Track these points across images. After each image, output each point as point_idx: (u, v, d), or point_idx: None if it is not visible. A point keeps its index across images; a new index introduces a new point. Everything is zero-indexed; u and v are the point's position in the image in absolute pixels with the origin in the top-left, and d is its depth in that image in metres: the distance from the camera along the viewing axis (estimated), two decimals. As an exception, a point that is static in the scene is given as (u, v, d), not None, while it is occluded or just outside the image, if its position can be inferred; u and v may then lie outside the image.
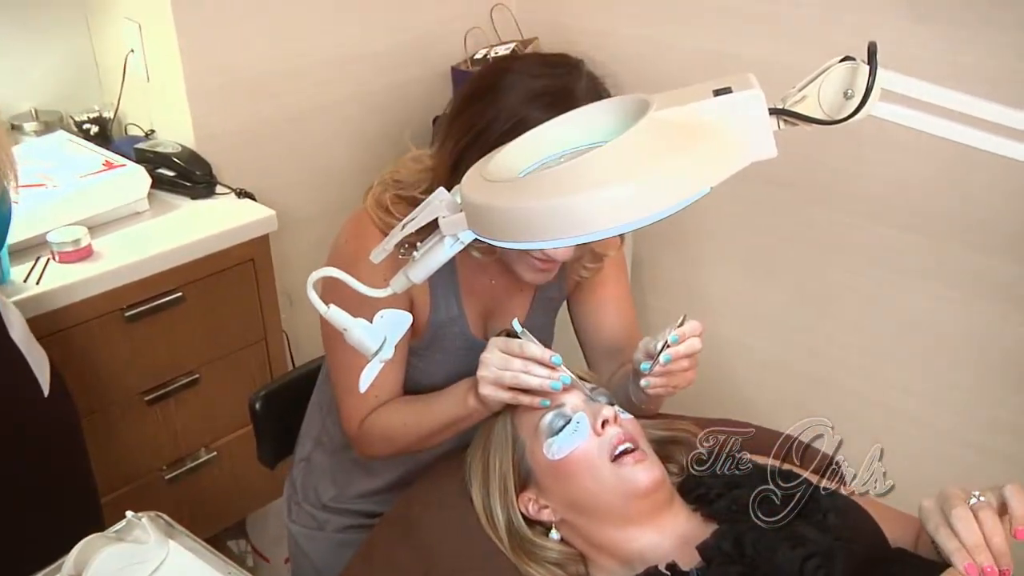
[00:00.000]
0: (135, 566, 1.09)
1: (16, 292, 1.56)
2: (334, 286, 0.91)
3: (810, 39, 1.89)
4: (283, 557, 2.16)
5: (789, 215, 2.09)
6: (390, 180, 1.25)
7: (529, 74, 1.15)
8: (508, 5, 2.39)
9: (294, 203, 2.14)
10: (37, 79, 2.06)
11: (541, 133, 0.87)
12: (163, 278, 1.75)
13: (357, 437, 1.29)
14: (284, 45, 2.09)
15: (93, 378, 1.69)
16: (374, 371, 0.93)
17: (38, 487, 1.24)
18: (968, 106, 0.82)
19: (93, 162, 1.84)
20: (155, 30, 1.96)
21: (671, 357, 1.10)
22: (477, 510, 1.16)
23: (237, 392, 1.87)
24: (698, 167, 0.73)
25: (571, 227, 0.72)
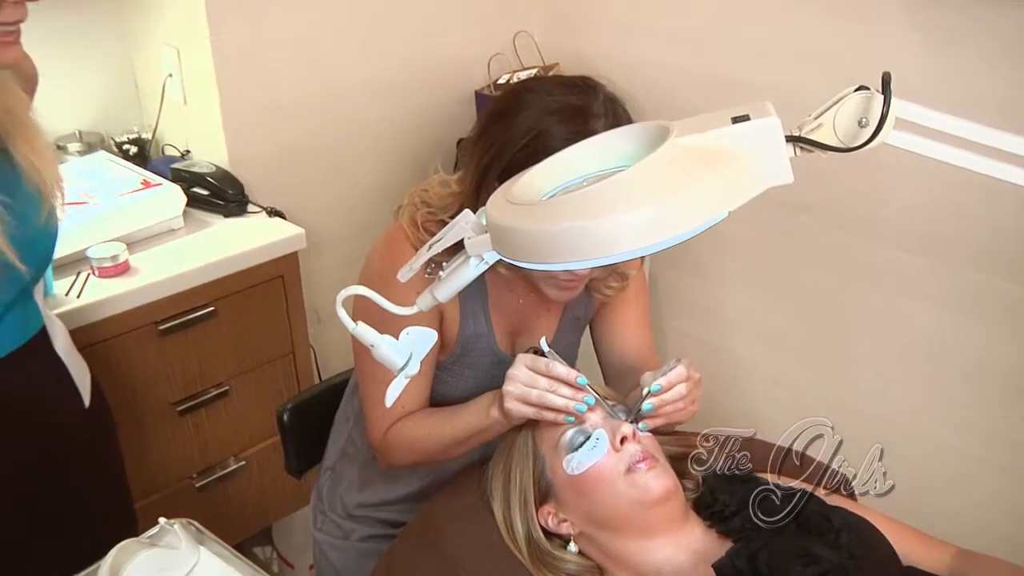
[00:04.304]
0: (167, 571, 1.10)
1: (58, 305, 1.57)
2: (363, 302, 0.91)
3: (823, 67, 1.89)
4: (307, 564, 2.16)
5: (802, 238, 2.09)
6: (420, 201, 1.26)
7: (547, 92, 1.16)
8: (531, 32, 2.40)
9: (322, 222, 2.15)
10: (81, 102, 2.08)
11: (564, 157, 0.87)
12: (196, 293, 1.76)
13: (381, 446, 1.29)
14: (315, 70, 2.10)
15: (128, 389, 1.70)
16: (400, 386, 0.94)
17: (77, 492, 1.25)
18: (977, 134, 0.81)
19: (132, 181, 1.86)
20: (192, 55, 1.98)
21: (652, 407, 1.11)
22: (497, 522, 1.16)
23: (265, 404, 1.88)
24: (717, 192, 0.73)
25: (593, 249, 0.72)
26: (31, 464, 1.18)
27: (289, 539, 2.25)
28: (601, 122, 1.11)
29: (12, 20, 0.97)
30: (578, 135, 0.96)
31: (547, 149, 0.96)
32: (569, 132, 1.09)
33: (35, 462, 1.19)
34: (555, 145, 0.96)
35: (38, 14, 1.00)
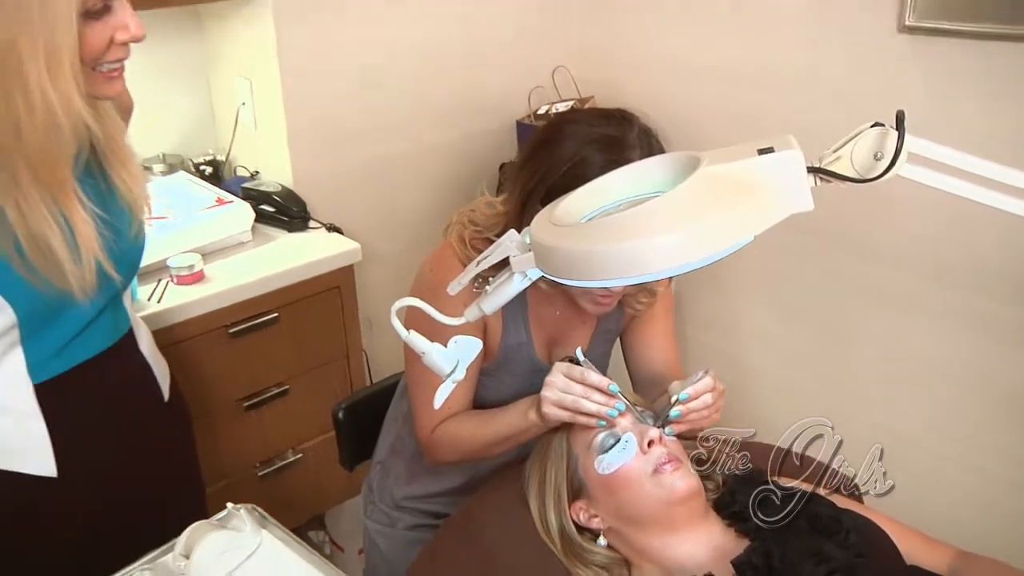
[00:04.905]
0: (233, 551, 1.11)
1: (141, 309, 1.60)
2: (415, 312, 0.92)
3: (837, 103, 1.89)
4: (356, 548, 2.16)
5: (816, 260, 2.07)
6: (467, 221, 1.26)
7: (586, 124, 1.16)
8: (568, 67, 2.40)
9: (376, 238, 2.17)
10: (165, 128, 2.12)
11: (603, 183, 0.87)
12: (262, 300, 1.78)
13: (428, 444, 1.29)
14: (371, 100, 2.12)
15: (200, 386, 1.72)
16: (447, 391, 0.94)
17: (157, 477, 1.27)
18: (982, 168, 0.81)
19: (207, 199, 1.89)
20: (263, 87, 2.01)
21: (680, 413, 1.11)
22: (533, 516, 1.16)
23: (321, 402, 1.88)
24: (743, 218, 0.74)
25: (629, 269, 0.73)
26: (118, 451, 1.21)
27: (340, 525, 2.26)
28: (636, 151, 1.11)
29: (117, 58, 1.00)
30: (615, 163, 0.96)
31: (586, 175, 0.96)
32: (606, 160, 1.09)
33: (121, 448, 1.21)
34: (594, 172, 0.97)
35: (134, 52, 1.03)
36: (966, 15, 1.62)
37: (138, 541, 1.11)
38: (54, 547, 1.18)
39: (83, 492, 1.17)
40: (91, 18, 0.95)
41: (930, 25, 1.68)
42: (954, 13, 1.64)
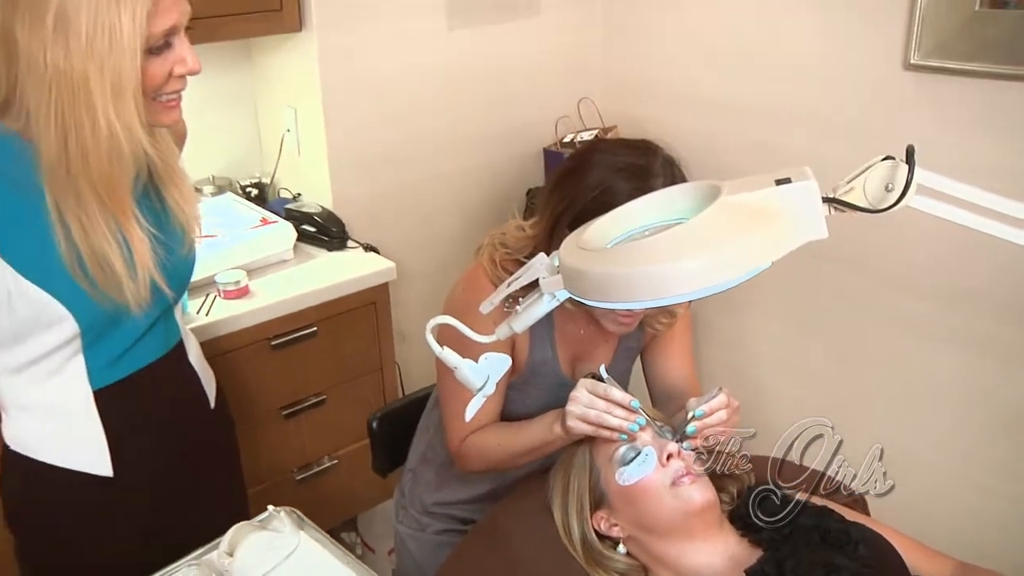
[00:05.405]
0: (274, 551, 1.12)
1: (190, 321, 1.61)
2: (448, 330, 0.92)
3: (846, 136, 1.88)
4: (386, 549, 2.16)
5: (827, 283, 2.05)
6: (498, 243, 1.27)
7: (613, 153, 1.16)
8: (593, 98, 2.41)
9: (410, 257, 2.18)
10: (215, 152, 2.15)
11: (628, 209, 0.87)
12: (302, 315, 1.79)
13: (458, 453, 1.29)
14: (407, 129, 2.14)
15: (243, 395, 1.73)
16: (478, 404, 0.94)
17: (203, 480, 1.28)
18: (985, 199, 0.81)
19: (252, 219, 1.91)
20: (307, 115, 2.03)
21: (696, 429, 1.10)
22: (556, 523, 1.16)
23: (356, 412, 1.88)
24: (761, 245, 0.74)
25: (652, 292, 0.73)
26: (169, 453, 1.21)
27: (371, 527, 2.26)
28: (660, 180, 1.11)
29: (175, 90, 1.02)
30: (639, 191, 0.96)
31: (613, 202, 0.96)
32: (632, 188, 1.09)
33: (171, 451, 1.22)
34: (620, 199, 0.96)
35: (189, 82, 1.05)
36: (967, 55, 1.64)
37: (186, 539, 1.12)
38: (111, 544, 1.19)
39: (137, 491, 1.18)
40: (153, 54, 0.97)
41: (934, 64, 1.69)
42: (956, 53, 1.65)
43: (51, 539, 1.17)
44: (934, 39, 1.67)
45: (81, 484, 1.14)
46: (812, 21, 1.90)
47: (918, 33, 1.69)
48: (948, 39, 1.65)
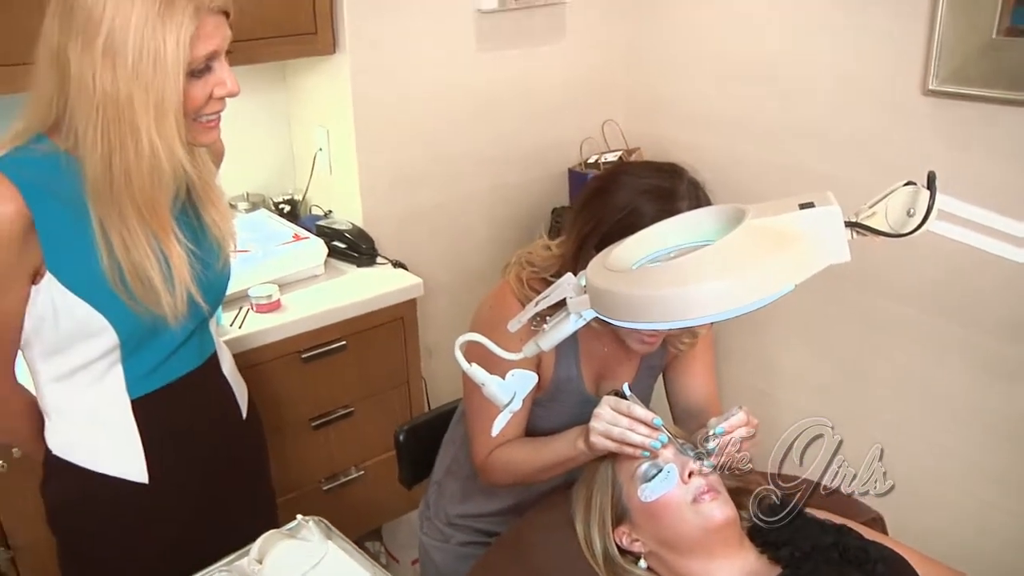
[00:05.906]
0: (302, 559, 1.13)
1: (224, 334, 1.63)
2: (475, 347, 0.92)
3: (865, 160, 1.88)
4: (410, 559, 2.17)
5: (842, 302, 2.05)
6: (525, 262, 1.27)
7: (639, 175, 1.16)
8: (616, 121, 2.42)
9: (437, 274, 2.19)
10: (250, 169, 2.17)
11: (654, 231, 0.87)
12: (332, 329, 1.80)
13: (483, 467, 1.29)
14: (435, 148, 2.15)
15: (273, 406, 1.74)
16: (504, 420, 0.94)
17: (233, 489, 1.29)
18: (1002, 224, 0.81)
19: (285, 234, 1.92)
20: (339, 135, 2.05)
21: (716, 447, 1.10)
22: (579, 538, 1.15)
23: (383, 424, 1.90)
24: (785, 268, 0.73)
25: (677, 313, 0.73)
26: (203, 461, 1.23)
27: (395, 537, 2.26)
28: (685, 203, 1.11)
29: (215, 111, 1.04)
30: (665, 213, 0.96)
31: (639, 224, 0.95)
32: (658, 210, 1.08)
33: (205, 459, 1.23)
34: (646, 221, 0.97)
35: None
36: (984, 82, 1.64)
37: (217, 545, 1.13)
38: (146, 549, 1.20)
39: (171, 498, 1.19)
40: (195, 76, 0.99)
41: (951, 90, 1.70)
42: (974, 79, 1.66)
43: (89, 542, 1.19)
44: (952, 65, 1.68)
45: (118, 490, 1.15)
46: (832, 46, 1.90)
47: (936, 59, 1.69)
48: (965, 65, 1.66)
